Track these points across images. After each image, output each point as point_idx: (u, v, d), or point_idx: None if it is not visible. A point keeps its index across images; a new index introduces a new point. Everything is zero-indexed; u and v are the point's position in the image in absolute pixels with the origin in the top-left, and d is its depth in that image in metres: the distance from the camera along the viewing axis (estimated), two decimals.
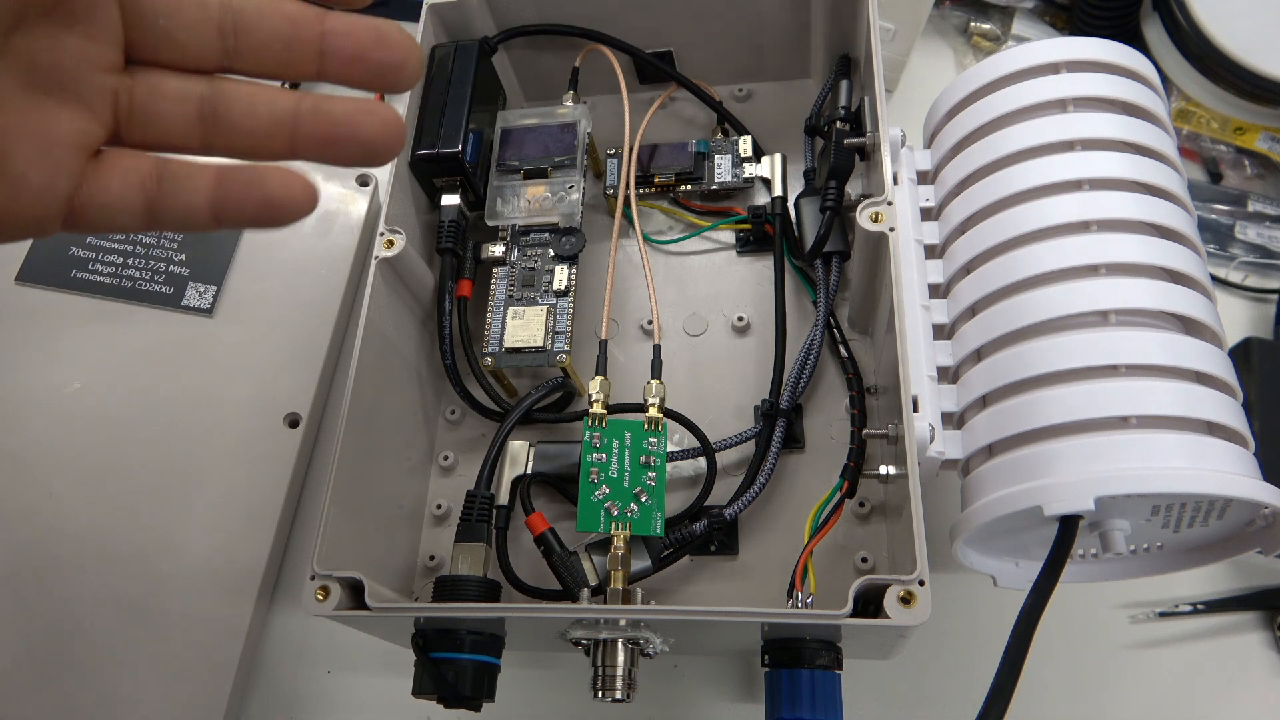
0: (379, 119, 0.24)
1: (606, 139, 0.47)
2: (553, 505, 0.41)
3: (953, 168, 0.36)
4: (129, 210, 0.23)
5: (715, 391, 0.42)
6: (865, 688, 0.38)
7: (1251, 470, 0.29)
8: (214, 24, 0.23)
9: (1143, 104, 0.34)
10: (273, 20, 0.24)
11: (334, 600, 0.31)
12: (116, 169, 0.23)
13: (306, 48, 0.24)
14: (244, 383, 0.46)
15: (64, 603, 0.42)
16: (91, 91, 0.22)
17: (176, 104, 0.23)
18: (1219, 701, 0.38)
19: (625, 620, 0.31)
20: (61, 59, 0.22)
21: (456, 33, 0.44)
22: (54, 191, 0.22)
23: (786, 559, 0.38)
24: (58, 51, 0.22)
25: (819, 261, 0.41)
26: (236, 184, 0.24)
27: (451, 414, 0.44)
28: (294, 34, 0.24)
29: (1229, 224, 0.49)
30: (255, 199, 0.24)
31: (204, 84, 0.24)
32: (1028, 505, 0.28)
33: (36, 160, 0.21)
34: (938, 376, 0.34)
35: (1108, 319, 0.30)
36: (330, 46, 0.24)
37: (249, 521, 0.43)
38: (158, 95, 0.23)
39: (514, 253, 0.42)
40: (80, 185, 0.22)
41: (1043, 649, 0.27)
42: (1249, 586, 0.40)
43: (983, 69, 0.36)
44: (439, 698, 0.32)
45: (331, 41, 0.24)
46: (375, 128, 0.24)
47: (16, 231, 0.21)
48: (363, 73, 0.24)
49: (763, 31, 0.46)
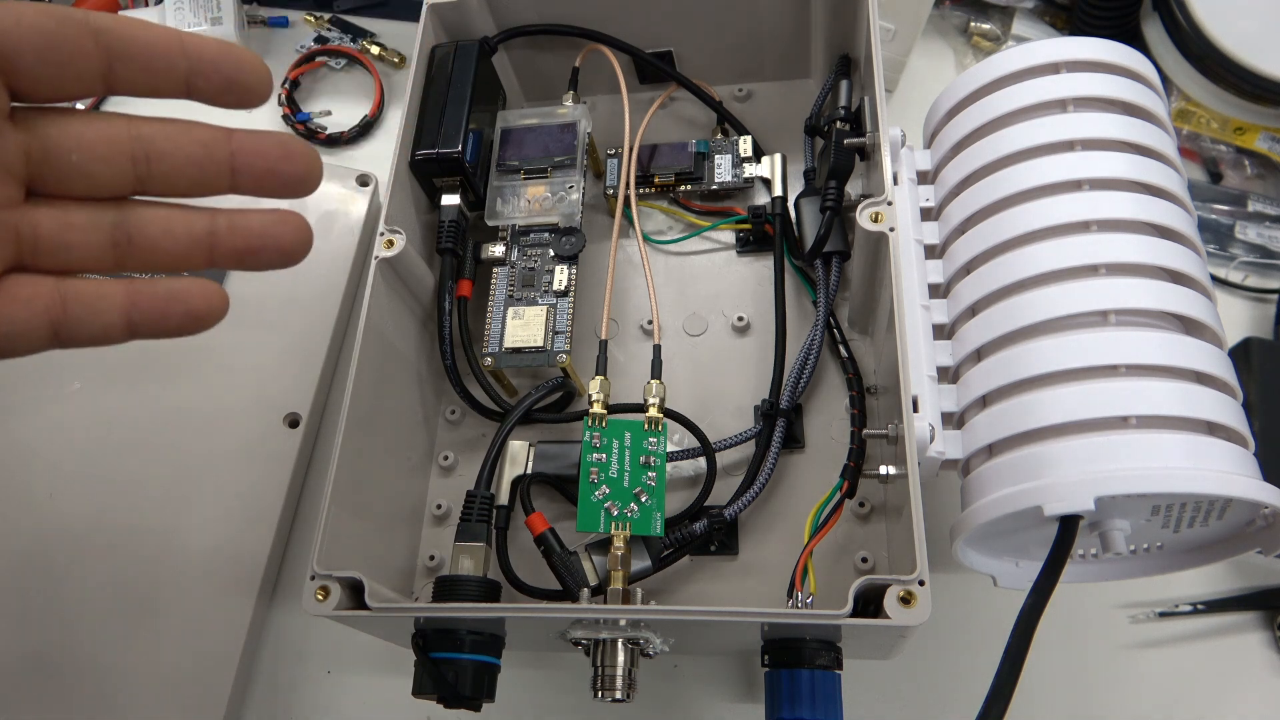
0: (294, 227, 0.26)
1: (606, 139, 0.47)
2: (553, 505, 0.41)
3: (953, 168, 0.36)
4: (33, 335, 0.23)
5: (715, 391, 0.42)
6: (865, 688, 0.38)
7: (1251, 470, 0.29)
8: (126, 155, 0.24)
9: (1143, 104, 0.34)
10: (185, 146, 0.24)
11: (334, 600, 0.31)
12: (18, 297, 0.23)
13: (218, 167, 0.25)
14: (244, 383, 0.46)
15: (64, 602, 0.42)
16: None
17: (88, 233, 0.24)
18: (1219, 701, 0.38)
19: (625, 620, 0.31)
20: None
21: (456, 33, 0.44)
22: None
23: (786, 559, 0.38)
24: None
25: (819, 261, 0.41)
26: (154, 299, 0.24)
27: (451, 414, 0.44)
28: (206, 156, 0.24)
29: (1229, 224, 0.49)
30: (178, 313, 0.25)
31: (114, 211, 0.24)
32: (1028, 505, 0.28)
33: None
34: (938, 376, 0.34)
35: (1108, 319, 0.30)
36: (241, 165, 0.25)
37: (249, 521, 0.43)
38: (68, 227, 0.23)
39: (514, 253, 0.42)
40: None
41: (1043, 649, 0.27)
42: (1249, 586, 0.40)
43: (983, 69, 0.36)
44: (439, 698, 0.32)
45: (242, 160, 0.25)
46: (292, 236, 0.26)
47: None
48: (273, 184, 0.25)
49: (763, 31, 0.46)
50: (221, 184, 0.25)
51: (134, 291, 0.24)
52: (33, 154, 0.23)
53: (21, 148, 0.22)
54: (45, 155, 0.23)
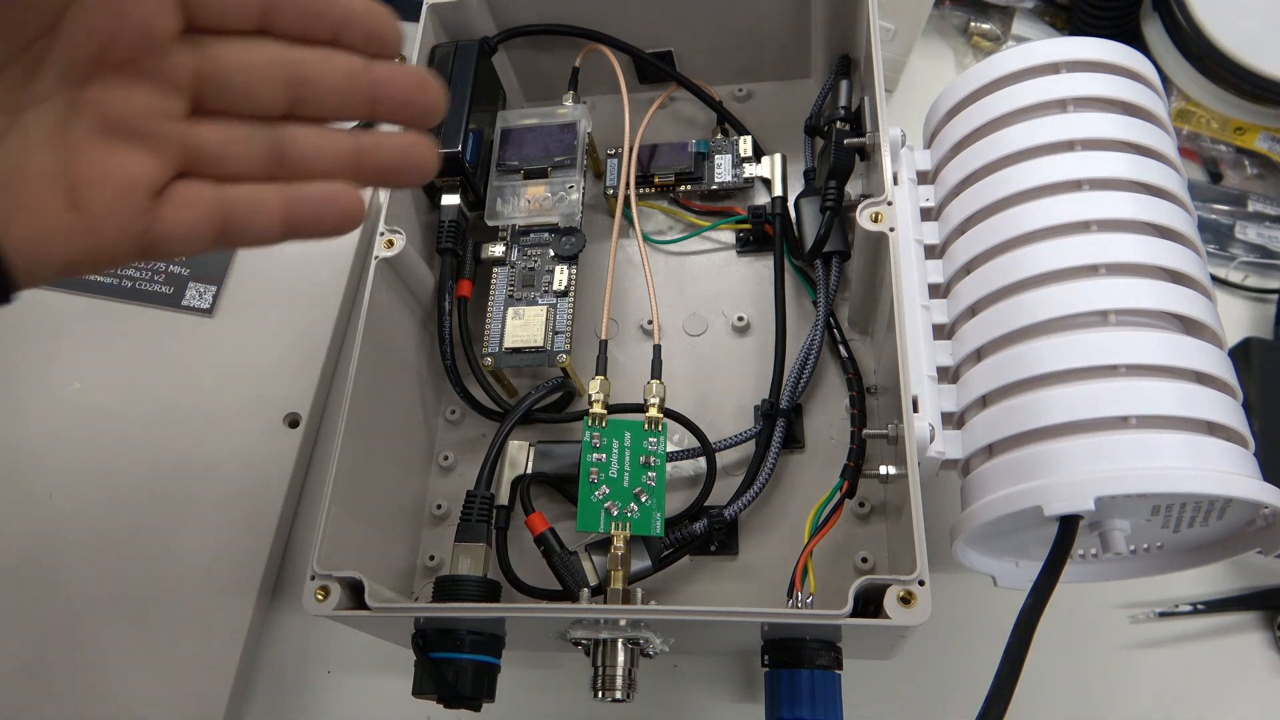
0: (428, 149, 0.28)
1: (606, 139, 0.47)
2: (553, 505, 0.41)
3: (953, 168, 0.36)
4: (199, 235, 0.25)
5: (715, 391, 0.42)
6: (865, 688, 0.38)
7: (1251, 470, 0.29)
8: (282, 78, 0.26)
9: (1143, 104, 0.34)
10: (332, 73, 0.26)
11: (334, 600, 0.31)
12: (186, 200, 0.25)
13: (360, 95, 0.27)
14: (244, 383, 0.46)
15: (64, 602, 0.42)
16: (159, 138, 0.24)
17: (247, 146, 0.26)
18: (1219, 701, 0.38)
19: (625, 620, 0.31)
20: (132, 110, 0.24)
21: (456, 33, 0.44)
22: (130, 229, 0.24)
23: (786, 559, 0.38)
24: (128, 103, 0.24)
25: (819, 261, 0.41)
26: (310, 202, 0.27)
27: (451, 414, 0.44)
28: (350, 84, 0.27)
29: (1229, 224, 0.49)
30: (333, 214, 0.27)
31: (269, 129, 0.26)
32: (1028, 505, 0.28)
33: (113, 202, 0.23)
34: (938, 376, 0.34)
35: (1108, 319, 0.30)
36: (380, 94, 0.27)
37: (249, 521, 0.43)
38: (230, 140, 0.26)
39: (514, 253, 0.42)
40: (153, 221, 0.24)
41: (1043, 649, 0.27)
42: (1249, 586, 0.40)
43: (983, 69, 0.36)
44: (439, 698, 0.32)
45: (381, 89, 0.27)
46: (426, 157, 0.28)
47: (97, 266, 0.24)
48: (409, 113, 0.27)
49: (763, 31, 0.46)
50: (362, 110, 0.27)
51: (290, 195, 0.26)
52: (201, 73, 0.25)
53: (191, 67, 0.25)
54: (212, 74, 0.25)
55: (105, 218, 0.23)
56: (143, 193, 0.24)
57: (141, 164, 0.24)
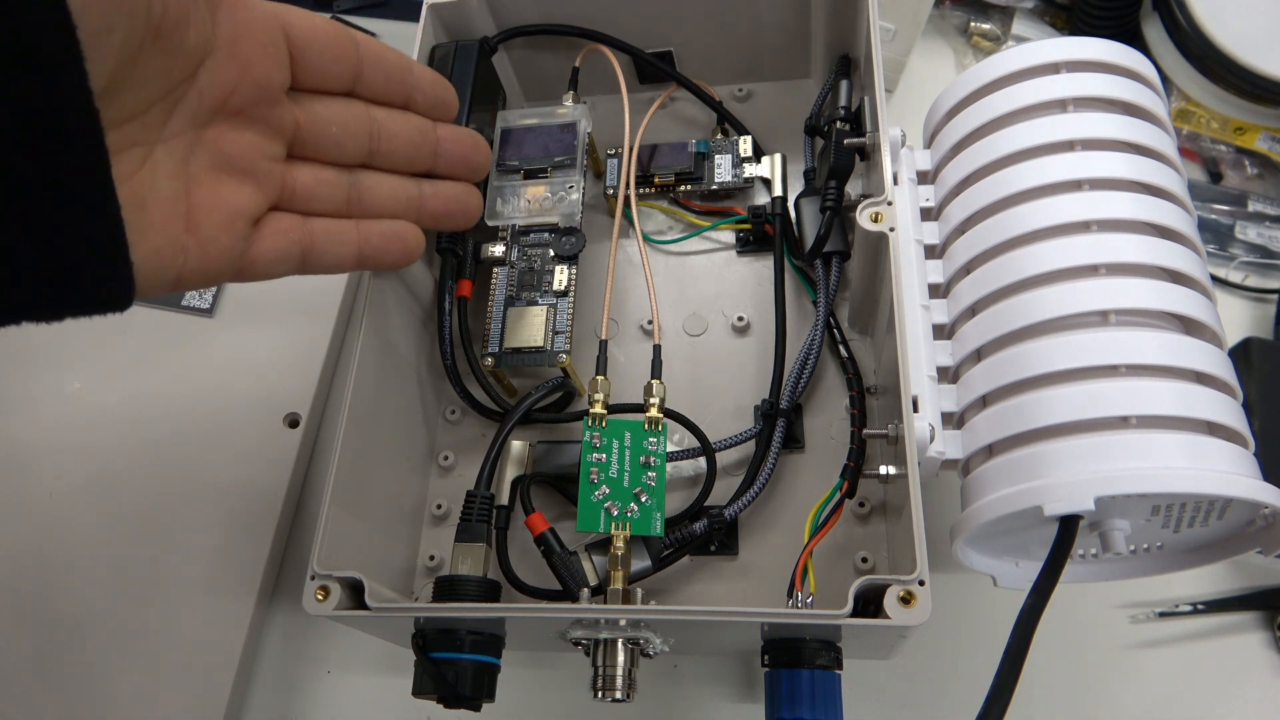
0: (476, 197, 0.35)
1: (606, 139, 0.47)
2: (553, 505, 0.41)
3: (953, 168, 0.36)
4: (288, 259, 0.29)
5: (715, 391, 0.42)
6: (865, 688, 0.38)
7: (1251, 470, 0.29)
8: (366, 132, 0.31)
9: (1143, 104, 0.34)
10: (405, 131, 0.32)
11: (334, 600, 0.31)
12: (279, 229, 0.29)
13: (427, 150, 0.33)
14: (244, 383, 0.46)
15: (64, 603, 0.42)
16: (263, 175, 0.28)
17: (332, 188, 0.31)
18: (1219, 701, 0.38)
19: (625, 620, 0.31)
20: (242, 150, 0.28)
21: (456, 33, 0.44)
22: (234, 251, 0.27)
23: (786, 559, 0.38)
24: (240, 144, 0.28)
25: (819, 261, 0.41)
26: (381, 237, 0.32)
27: (451, 414, 0.44)
28: (421, 140, 0.32)
29: (1229, 224, 0.49)
30: (397, 249, 0.32)
31: (350, 174, 0.31)
32: (1028, 505, 0.28)
33: (222, 227, 0.27)
34: (938, 376, 0.34)
35: (1108, 319, 0.30)
36: (443, 150, 0.33)
37: (249, 521, 0.43)
38: (319, 182, 0.30)
39: (514, 253, 0.42)
40: (251, 245, 0.28)
41: (1043, 649, 0.27)
42: (1249, 586, 0.40)
43: (983, 69, 0.36)
44: (439, 698, 0.32)
45: (444, 146, 0.33)
46: (476, 204, 0.35)
47: (204, 282, 0.27)
48: (464, 169, 0.34)
49: (763, 31, 0.46)
50: (426, 163, 0.33)
51: (364, 230, 0.31)
52: (301, 124, 0.29)
53: (293, 118, 0.29)
54: (310, 126, 0.30)
55: (215, 239, 0.27)
56: (246, 220, 0.28)
57: (247, 196, 0.28)
